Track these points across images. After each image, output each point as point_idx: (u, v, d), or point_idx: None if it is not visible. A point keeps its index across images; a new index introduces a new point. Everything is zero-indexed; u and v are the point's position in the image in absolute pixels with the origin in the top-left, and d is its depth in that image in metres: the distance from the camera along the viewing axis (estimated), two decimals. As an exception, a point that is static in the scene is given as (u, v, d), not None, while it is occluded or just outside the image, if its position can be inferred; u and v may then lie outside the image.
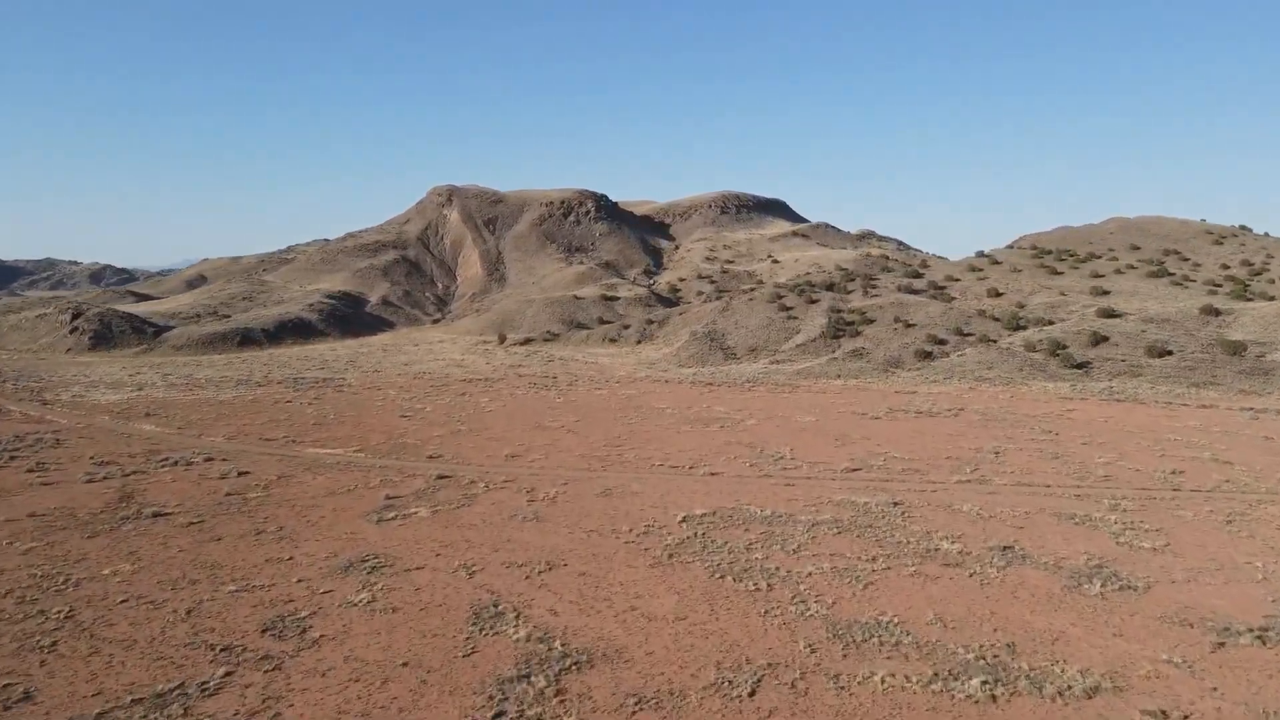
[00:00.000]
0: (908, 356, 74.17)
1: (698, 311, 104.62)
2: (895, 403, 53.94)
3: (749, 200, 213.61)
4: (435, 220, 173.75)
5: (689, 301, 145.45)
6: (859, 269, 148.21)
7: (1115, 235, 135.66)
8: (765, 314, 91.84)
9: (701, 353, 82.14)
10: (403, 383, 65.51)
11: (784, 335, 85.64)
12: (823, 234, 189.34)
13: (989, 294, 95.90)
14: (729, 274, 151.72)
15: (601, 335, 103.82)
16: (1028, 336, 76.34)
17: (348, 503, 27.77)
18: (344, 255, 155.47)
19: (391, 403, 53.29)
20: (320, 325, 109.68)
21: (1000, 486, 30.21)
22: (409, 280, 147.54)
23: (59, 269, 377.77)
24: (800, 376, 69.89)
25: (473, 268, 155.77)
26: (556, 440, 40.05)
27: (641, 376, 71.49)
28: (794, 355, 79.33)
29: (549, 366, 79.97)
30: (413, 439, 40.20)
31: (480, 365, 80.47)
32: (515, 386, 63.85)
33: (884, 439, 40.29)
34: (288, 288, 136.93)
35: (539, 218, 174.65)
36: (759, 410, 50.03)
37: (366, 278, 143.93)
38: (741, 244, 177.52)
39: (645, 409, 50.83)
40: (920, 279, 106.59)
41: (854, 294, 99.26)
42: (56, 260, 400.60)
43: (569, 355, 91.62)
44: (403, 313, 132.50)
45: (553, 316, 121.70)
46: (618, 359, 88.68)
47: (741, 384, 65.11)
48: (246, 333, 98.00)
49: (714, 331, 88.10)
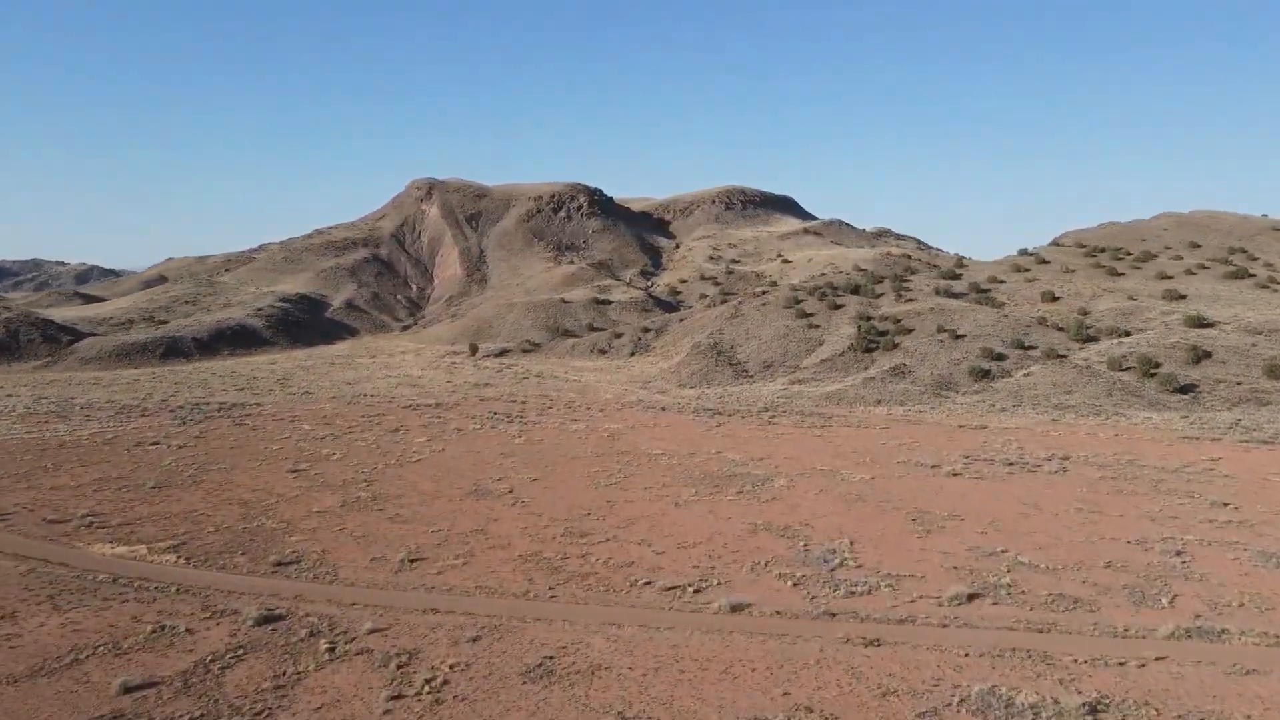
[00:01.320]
0: (961, 376, 61.18)
1: (701, 318, 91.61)
2: (967, 445, 40.89)
3: (755, 196, 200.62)
4: (413, 216, 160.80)
5: (691, 306, 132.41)
6: (881, 269, 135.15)
7: (1169, 232, 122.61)
8: (781, 322, 78.85)
9: (706, 369, 69.14)
10: (329, 411, 52.53)
11: (805, 347, 72.66)
12: (836, 231, 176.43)
13: (1043, 298, 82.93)
14: (735, 275, 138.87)
15: (590, 345, 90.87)
16: (1106, 351, 63.33)
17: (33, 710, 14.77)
18: (309, 254, 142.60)
19: (292, 446, 40.29)
20: (266, 333, 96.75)
21: (1250, 648, 17.19)
22: (379, 282, 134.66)
23: (45, 269, 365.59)
24: (831, 402, 56.83)
25: (451, 268, 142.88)
26: (493, 521, 27.11)
27: (633, 401, 58.51)
28: (819, 373, 66.34)
29: (521, 386, 67.00)
30: (276, 520, 27.21)
31: (439, 384, 67.51)
32: (470, 416, 50.85)
33: (983, 517, 27.29)
34: (241, 289, 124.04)
35: (526, 213, 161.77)
36: (788, 459, 37.01)
37: (331, 279, 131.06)
38: (748, 242, 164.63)
39: (632, 456, 37.85)
40: (958, 280, 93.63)
41: (884, 298, 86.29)
42: (43, 261, 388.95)
43: (549, 370, 78.63)
44: (368, 318, 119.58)
45: (536, 323, 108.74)
46: (607, 375, 75.68)
47: (758, 413, 52.07)
48: (173, 343, 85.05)
49: (721, 343, 75.12)
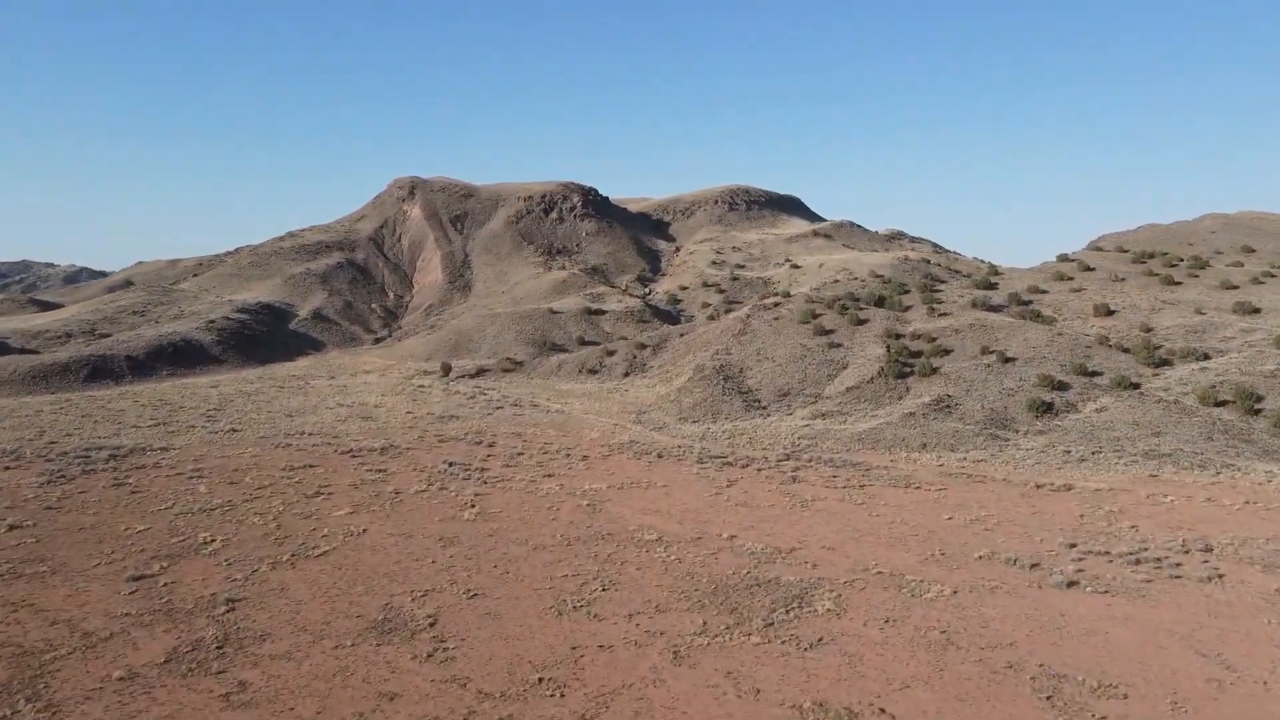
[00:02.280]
0: (1018, 410, 51.42)
1: (705, 333, 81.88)
2: (1062, 520, 31.12)
3: (760, 195, 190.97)
4: (393, 217, 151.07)
5: (692, 316, 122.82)
6: (899, 275, 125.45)
7: (1218, 235, 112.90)
8: (798, 340, 69.12)
9: (712, 398, 59.38)
10: (247, 460, 42.78)
11: (826, 371, 62.92)
12: (847, 234, 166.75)
13: (1096, 312, 73.22)
14: (740, 282, 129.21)
15: (579, 364, 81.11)
16: (1189, 380, 53.58)
17: None
18: (279, 259, 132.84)
19: (164, 527, 30.52)
20: (215, 349, 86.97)
21: None
22: (353, 289, 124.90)
23: (34, 271, 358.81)
24: (865, 445, 47.06)
25: (432, 273, 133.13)
26: (387, 701, 17.31)
27: (623, 441, 48.76)
28: (845, 404, 56.59)
29: (494, 418, 57.27)
30: (40, 704, 17.42)
31: (397, 417, 57.76)
32: (419, 469, 41.11)
33: (1153, 689, 17.48)
34: (201, 298, 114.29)
35: (515, 214, 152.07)
36: (828, 549, 27.28)
37: (300, 286, 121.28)
38: (754, 245, 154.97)
39: (617, 543, 28.13)
40: (995, 290, 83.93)
41: (912, 311, 76.59)
42: (33, 263, 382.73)
43: (530, 395, 68.89)
44: (338, 330, 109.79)
45: (520, 336, 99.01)
46: (596, 401, 65.96)
47: (777, 463, 42.33)
48: (102, 363, 75.29)
49: (728, 365, 65.37)
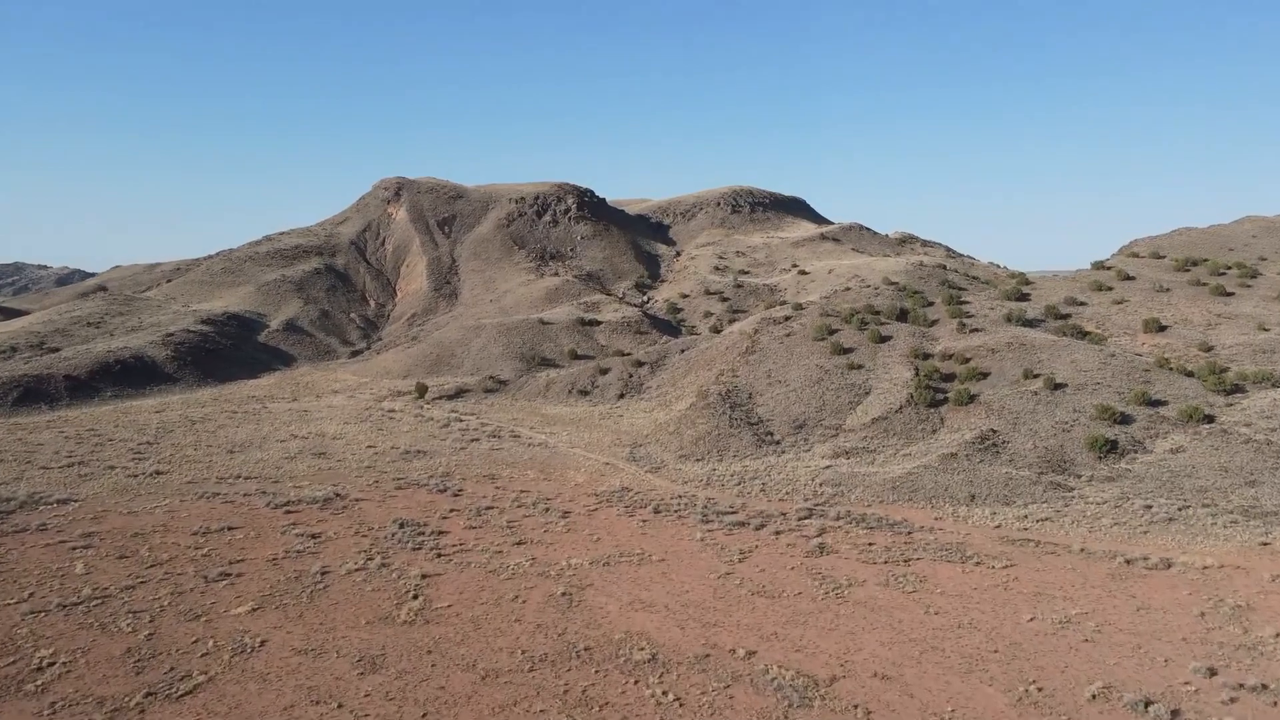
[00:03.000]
0: (1077, 450, 44.17)
1: (708, 351, 74.61)
2: (1180, 621, 23.90)
3: (765, 197, 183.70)
4: (377, 220, 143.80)
5: (694, 326, 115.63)
6: (915, 282, 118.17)
7: (1259, 239, 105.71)
8: (813, 360, 61.87)
9: (717, 430, 52.11)
10: (157, 518, 35.53)
11: (847, 397, 55.65)
12: (856, 237, 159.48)
13: (1146, 328, 66.01)
14: (745, 289, 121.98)
15: (568, 384, 73.87)
16: (1273, 411, 46.32)
17: None
18: (252, 264, 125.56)
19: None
20: (169, 366, 79.69)
21: None
22: (331, 297, 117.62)
23: (26, 273, 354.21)
24: (902, 496, 39.81)
25: (417, 280, 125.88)
26: None
27: (614, 488, 41.52)
28: (872, 439, 49.32)
29: (465, 454, 50.02)
30: None
31: (355, 452, 50.51)
32: (363, 530, 33.86)
33: None
34: (166, 307, 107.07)
35: (506, 217, 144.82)
36: (880, 678, 20.01)
37: (274, 294, 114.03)
38: (758, 250, 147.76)
39: (595, 661, 20.85)
40: (1027, 302, 76.71)
41: (939, 326, 69.39)
42: (25, 264, 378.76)
43: (511, 422, 61.63)
44: (312, 343, 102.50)
45: (508, 350, 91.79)
46: (586, 431, 58.70)
47: (800, 522, 35.09)
48: (36, 383, 68.05)
49: (735, 390, 58.10)
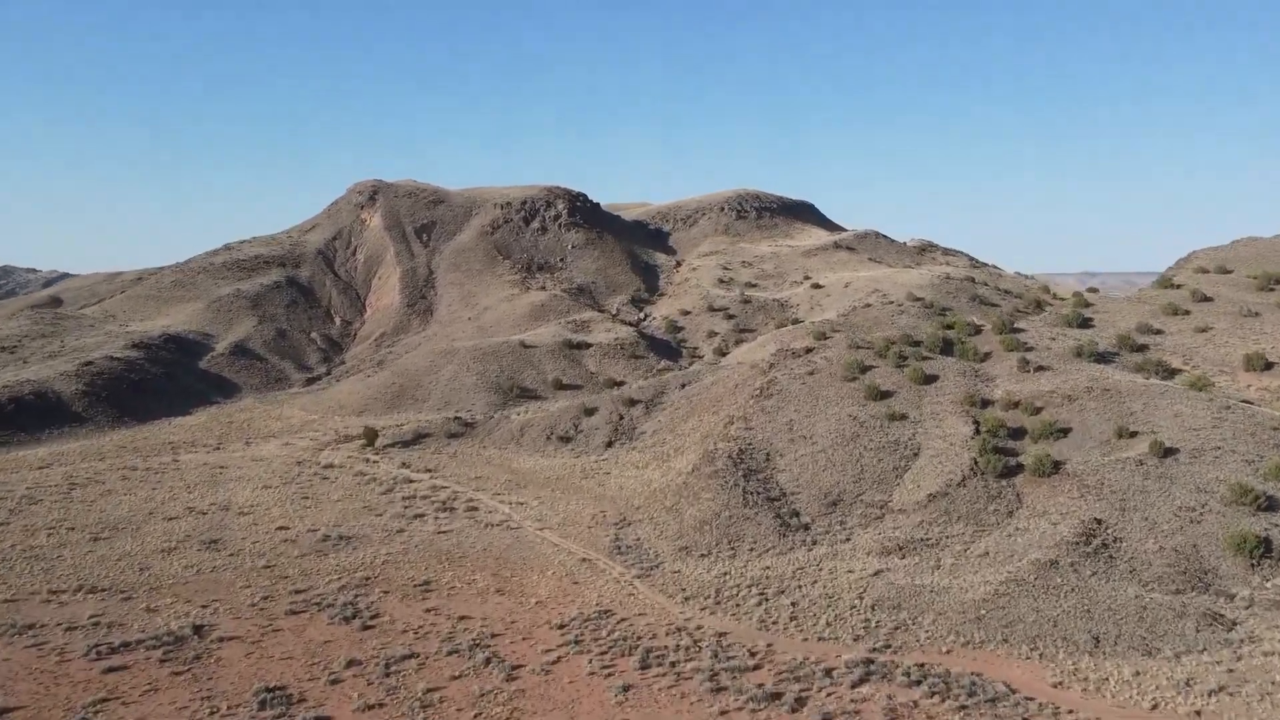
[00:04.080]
0: (1218, 553, 32.87)
1: (714, 388, 63.34)
2: None
3: (772, 201, 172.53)
4: (348, 227, 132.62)
5: (696, 347, 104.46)
6: (941, 297, 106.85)
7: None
8: (844, 408, 50.56)
9: (728, 509, 40.80)
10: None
11: (891, 461, 44.37)
12: (872, 246, 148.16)
13: (1247, 365, 54.81)
14: (753, 305, 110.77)
15: (547, 427, 62.60)
16: None
17: None
18: (206, 276, 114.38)
19: None
20: (78, 403, 68.57)
21: None
22: (290, 314, 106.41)
23: (14, 277, 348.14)
24: (992, 633, 28.44)
25: (389, 295, 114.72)
26: None
27: (587, 612, 30.29)
28: (931, 524, 38.05)
29: (403, 539, 38.76)
30: None
31: (259, 537, 39.29)
32: (219, 698, 22.60)
33: None
34: (99, 326, 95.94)
35: (491, 224, 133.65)
36: None
37: (226, 311, 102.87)
38: (766, 260, 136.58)
39: None
40: (1090, 328, 65.48)
41: (993, 358, 58.16)
42: (14, 268, 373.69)
43: (473, 483, 50.36)
44: (262, 369, 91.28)
45: (482, 379, 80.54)
46: (563, 498, 47.44)
47: (855, 684, 23.81)
48: (-100, 431, 56.82)
49: (749, 448, 46.81)
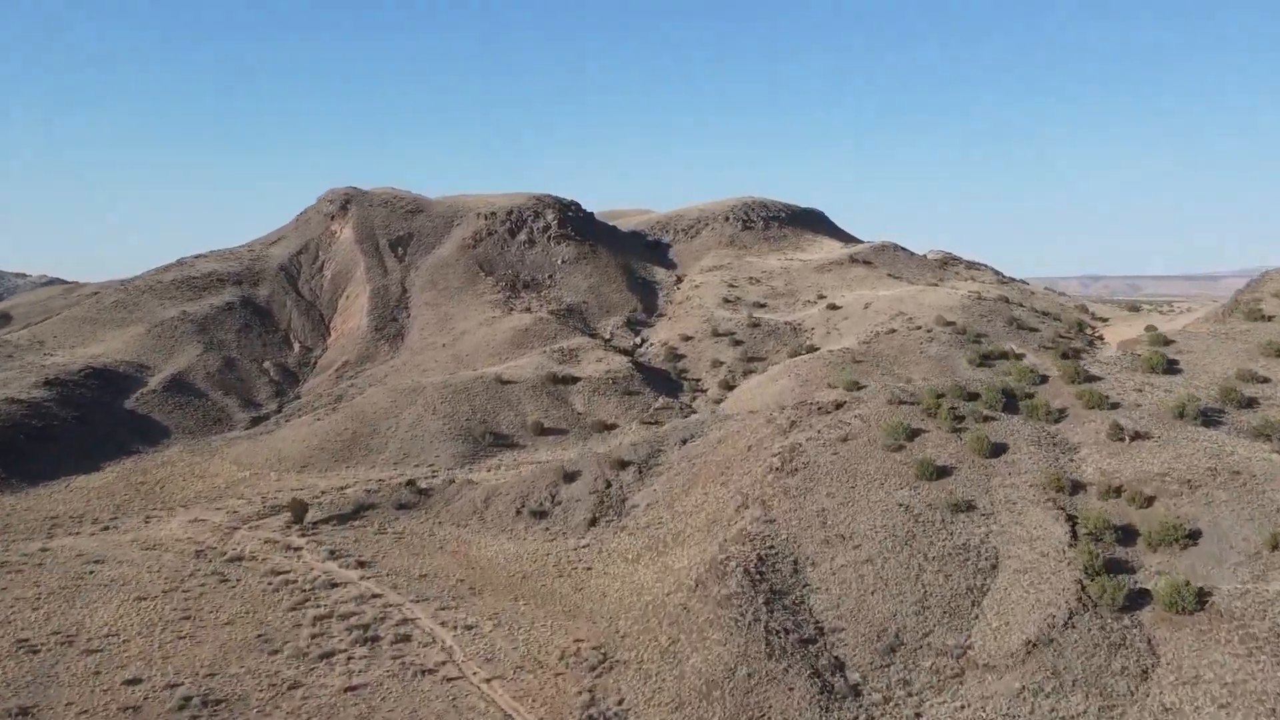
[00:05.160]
0: None
1: (722, 447, 52.31)
2: None
3: (779, 210, 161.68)
4: (316, 240, 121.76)
5: (698, 378, 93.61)
6: (974, 321, 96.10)
7: None
8: (891, 491, 39.60)
9: (747, 666, 29.88)
10: None
11: (962, 578, 33.38)
12: (890, 260, 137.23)
13: (1397, 431, 43.63)
14: (762, 330, 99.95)
15: (517, 499, 51.68)
16: None
17: None
18: (152, 296, 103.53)
19: None
20: (-45, 463, 57.54)
21: None
22: (243, 340, 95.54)
23: (4, 282, 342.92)
24: None
25: (355, 317, 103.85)
26: None
27: None
28: (1034, 697, 27.07)
29: (297, 694, 27.94)
30: None
31: (91, 699, 28.21)
32: None
33: None
34: (18, 357, 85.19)
35: (473, 236, 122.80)
36: None
37: (168, 337, 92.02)
38: (775, 275, 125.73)
39: None
40: (1178, 373, 54.46)
41: (1070, 418, 47.20)
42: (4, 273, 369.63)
43: (415, 586, 39.46)
44: (201, 408, 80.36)
45: (449, 424, 69.64)
46: (529, 613, 36.46)
47: None
48: None
49: (771, 557, 35.85)
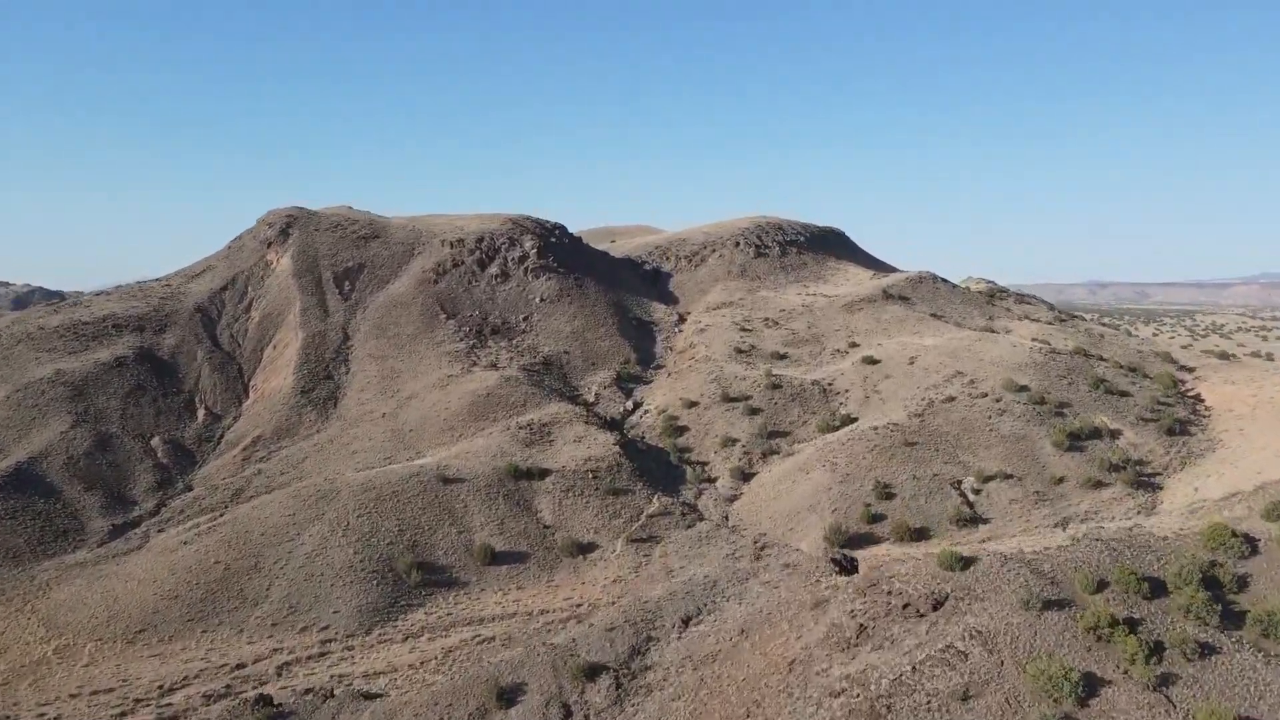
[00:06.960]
0: None
1: (744, 664, 33.26)
2: None
3: (797, 232, 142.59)
4: (246, 272, 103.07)
5: (706, 461, 74.88)
6: (1053, 386, 77.35)
7: None
8: None
9: None
10: None
11: None
12: (930, 294, 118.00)
13: None
14: (785, 392, 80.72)
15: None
16: None
17: None
18: (27, 347, 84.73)
19: None
20: None
21: None
22: (130, 408, 76.67)
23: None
24: None
25: (281, 374, 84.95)
26: None
27: None
28: None
29: None
30: None
31: None
32: None
33: None
34: None
35: (435, 267, 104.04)
36: None
37: (30, 405, 73.29)
38: (796, 315, 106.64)
39: None
40: None
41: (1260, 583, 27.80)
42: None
43: None
44: (44, 513, 61.48)
45: (361, 555, 50.68)
46: None
47: None
48: None
49: None
